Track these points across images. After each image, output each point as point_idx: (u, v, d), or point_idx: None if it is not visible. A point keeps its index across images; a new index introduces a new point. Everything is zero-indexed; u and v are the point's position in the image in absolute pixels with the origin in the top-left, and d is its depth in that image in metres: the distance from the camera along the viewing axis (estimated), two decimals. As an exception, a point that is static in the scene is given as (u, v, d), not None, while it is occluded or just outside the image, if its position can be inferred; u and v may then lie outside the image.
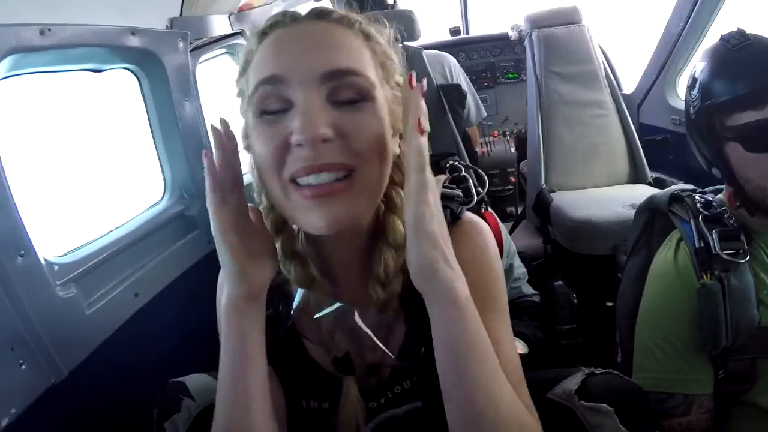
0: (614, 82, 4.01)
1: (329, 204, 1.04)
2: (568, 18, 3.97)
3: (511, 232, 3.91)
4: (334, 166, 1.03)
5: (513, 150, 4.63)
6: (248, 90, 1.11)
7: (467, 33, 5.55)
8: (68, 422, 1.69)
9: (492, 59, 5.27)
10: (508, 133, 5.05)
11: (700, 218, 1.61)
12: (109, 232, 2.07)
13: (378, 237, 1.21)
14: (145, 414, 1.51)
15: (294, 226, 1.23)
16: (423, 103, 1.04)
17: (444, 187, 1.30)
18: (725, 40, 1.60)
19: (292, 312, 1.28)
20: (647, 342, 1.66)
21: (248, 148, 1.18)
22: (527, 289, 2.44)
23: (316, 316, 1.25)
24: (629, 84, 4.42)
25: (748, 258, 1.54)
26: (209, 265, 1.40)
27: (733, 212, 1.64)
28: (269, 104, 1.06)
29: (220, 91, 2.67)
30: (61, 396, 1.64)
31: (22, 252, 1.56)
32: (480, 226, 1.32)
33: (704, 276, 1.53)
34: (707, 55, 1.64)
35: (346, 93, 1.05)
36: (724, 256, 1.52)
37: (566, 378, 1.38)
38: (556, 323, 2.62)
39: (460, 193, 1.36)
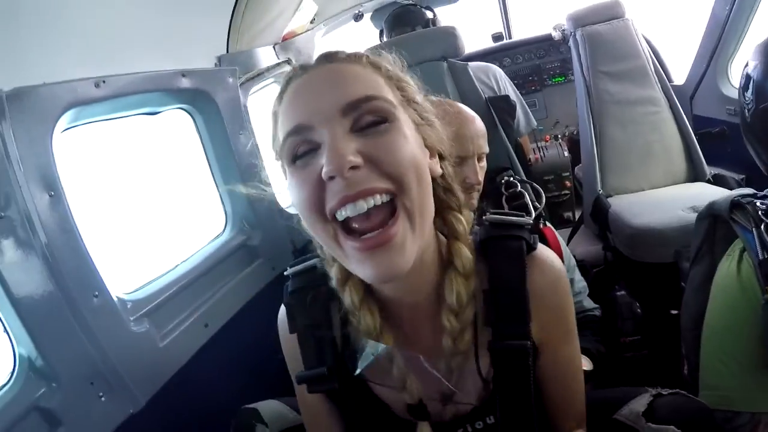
0: (664, 75, 3.86)
1: (381, 253, 1.04)
2: (611, 13, 3.85)
3: (569, 239, 3.84)
4: (370, 191, 1.02)
5: (566, 154, 4.55)
6: (280, 148, 1.13)
7: (510, 38, 5.47)
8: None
9: (537, 62, 5.19)
10: (560, 136, 4.97)
11: (762, 227, 1.47)
12: (176, 266, 2.14)
13: (446, 266, 1.22)
14: None
15: None
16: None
17: (509, 213, 1.31)
18: None
19: (358, 361, 1.24)
20: (712, 358, 1.56)
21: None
22: (588, 303, 2.38)
23: (361, 362, 1.24)
24: (679, 74, 4.28)
25: None
26: (273, 292, 1.44)
27: None
28: (299, 151, 1.08)
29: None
30: (139, 425, 1.71)
31: (96, 292, 1.65)
32: (552, 258, 1.30)
33: None
34: (760, 52, 1.56)
35: (368, 118, 1.06)
36: None
37: (633, 398, 1.38)
38: (620, 335, 2.56)
39: (530, 221, 1.31)
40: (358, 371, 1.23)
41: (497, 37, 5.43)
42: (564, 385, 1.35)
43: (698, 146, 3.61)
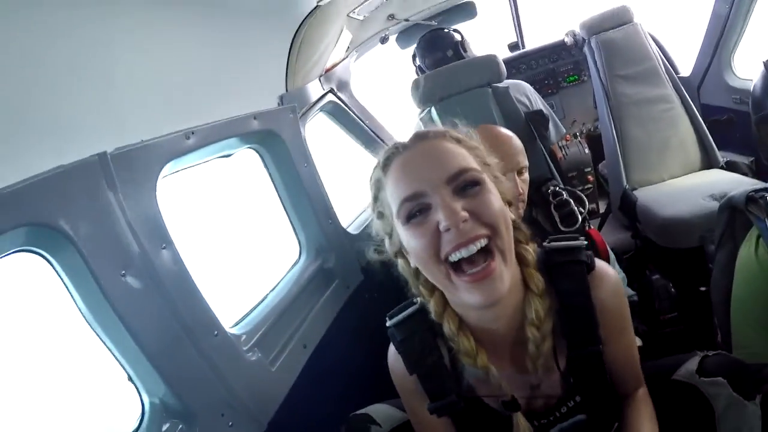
0: (672, 70, 3.98)
1: (486, 284, 1.26)
2: (622, 19, 3.95)
3: (599, 229, 3.93)
4: (476, 237, 1.26)
5: (587, 150, 4.61)
6: (391, 209, 1.37)
7: (523, 46, 5.51)
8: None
9: (551, 65, 5.21)
10: (578, 134, 5.01)
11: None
12: (266, 296, 2.19)
13: (523, 291, 1.43)
14: None
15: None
16: None
17: (565, 239, 1.52)
18: None
19: (464, 381, 1.49)
20: (741, 325, 1.77)
21: (396, 254, 1.46)
22: (628, 291, 2.44)
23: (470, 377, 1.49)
24: (684, 65, 4.37)
25: None
26: (353, 307, 1.50)
27: None
28: (414, 212, 1.31)
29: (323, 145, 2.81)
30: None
31: (216, 332, 1.69)
32: (608, 271, 1.51)
33: None
34: (761, 72, 1.73)
35: (466, 185, 1.30)
36: None
37: (686, 362, 1.59)
38: (659, 314, 2.75)
39: (585, 243, 1.51)
40: (464, 388, 1.48)
41: (513, 47, 5.47)
42: (625, 362, 1.57)
43: (709, 135, 3.72)
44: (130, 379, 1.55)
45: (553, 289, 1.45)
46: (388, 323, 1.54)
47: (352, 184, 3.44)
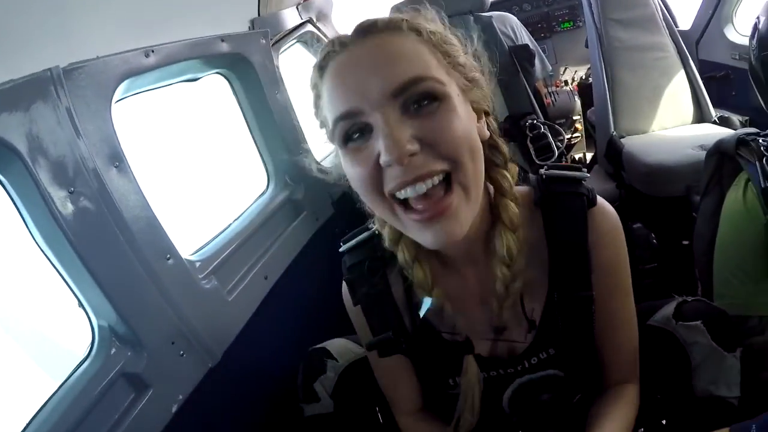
0: (671, 21, 3.89)
1: (440, 222, 1.07)
2: None
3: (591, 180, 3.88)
4: (428, 174, 1.04)
5: (576, 98, 4.55)
6: (328, 123, 1.14)
7: (519, -15, 5.38)
8: (227, 399, 1.79)
9: (546, 9, 5.15)
10: (569, 81, 4.94)
11: (764, 160, 1.63)
12: (230, 225, 2.14)
13: (494, 221, 1.26)
14: (290, 380, 1.65)
15: None
16: None
17: (566, 167, 1.35)
18: None
19: (420, 314, 1.32)
20: (724, 272, 1.72)
21: (342, 177, 1.26)
22: None
23: (421, 312, 1.31)
24: (684, 19, 4.28)
25: None
26: (319, 242, 1.46)
27: None
28: (351, 134, 1.08)
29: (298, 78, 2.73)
30: (217, 378, 1.72)
31: (168, 255, 1.64)
32: (610, 211, 1.35)
33: None
34: (765, 9, 1.69)
35: (419, 99, 1.05)
36: None
37: (662, 307, 1.50)
38: (638, 263, 2.66)
39: (587, 175, 1.35)
40: (418, 321, 1.36)
41: None
42: (620, 341, 1.42)
43: (704, 89, 3.64)
44: (80, 304, 1.51)
45: (542, 223, 1.30)
46: (341, 248, 1.44)
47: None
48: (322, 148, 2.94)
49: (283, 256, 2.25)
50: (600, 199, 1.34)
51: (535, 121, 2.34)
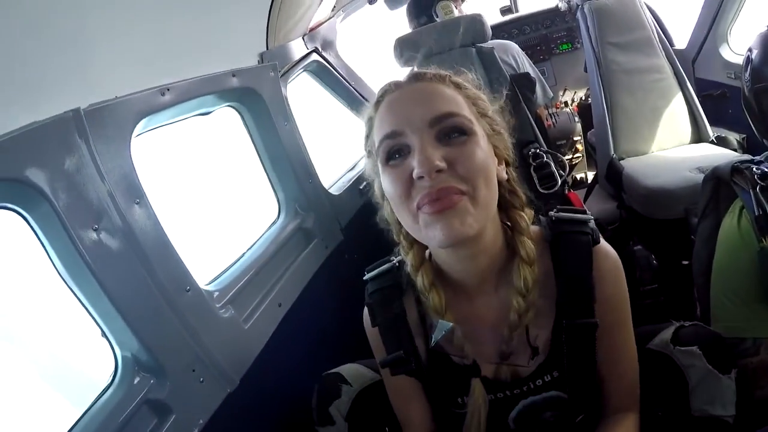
0: (667, 42, 3.97)
1: (447, 216, 1.20)
2: None
3: (585, 199, 3.95)
4: (449, 189, 1.20)
5: (577, 119, 4.60)
6: (375, 146, 1.33)
7: (517, 10, 5.45)
8: (245, 423, 1.85)
9: (544, 31, 5.22)
10: (569, 102, 4.99)
11: (757, 188, 1.66)
12: (243, 254, 2.20)
13: (511, 257, 1.39)
14: (305, 403, 1.70)
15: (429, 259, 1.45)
16: None
17: (573, 211, 1.50)
18: None
19: (434, 336, 1.39)
20: (720, 296, 1.76)
21: (382, 198, 1.45)
22: None
23: (435, 335, 1.39)
24: (680, 38, 4.33)
25: None
26: (331, 267, 1.51)
27: None
28: (393, 153, 1.27)
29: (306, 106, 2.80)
30: (235, 402, 1.77)
31: (188, 287, 1.70)
32: (611, 251, 1.48)
33: (763, 240, 1.61)
34: (758, 42, 1.72)
35: (451, 131, 1.25)
36: None
37: (661, 331, 1.57)
38: (639, 284, 2.72)
39: (592, 218, 1.49)
40: (432, 344, 1.39)
41: (506, 10, 5.41)
42: (621, 371, 1.50)
43: (701, 109, 3.69)
44: (103, 334, 1.56)
45: (551, 259, 1.42)
46: (365, 276, 1.55)
47: (337, 147, 3.44)
48: (330, 176, 3.02)
49: (296, 283, 2.31)
50: (602, 240, 1.46)
51: (537, 150, 2.39)
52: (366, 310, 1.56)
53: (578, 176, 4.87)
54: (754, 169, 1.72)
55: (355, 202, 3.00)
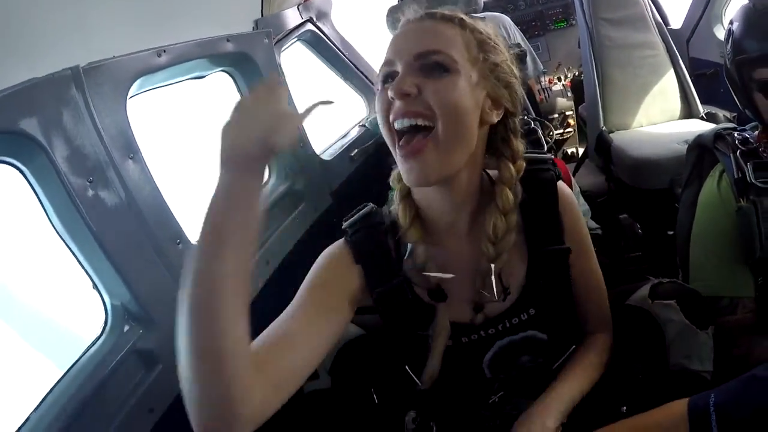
0: (660, 20, 3.99)
1: (414, 160, 1.26)
2: None
3: (574, 172, 4.00)
4: (413, 113, 1.25)
5: (569, 94, 4.63)
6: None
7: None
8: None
9: (540, 8, 5.24)
10: (562, 78, 5.02)
11: (738, 153, 1.72)
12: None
13: (488, 202, 1.41)
14: None
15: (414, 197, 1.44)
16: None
17: (535, 152, 1.56)
18: (753, 2, 1.69)
19: (404, 261, 1.44)
20: (699, 257, 1.81)
21: None
22: (591, 224, 2.52)
23: (426, 273, 1.42)
24: (676, 18, 4.35)
25: None
26: (320, 230, 1.56)
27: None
28: (386, 78, 1.34)
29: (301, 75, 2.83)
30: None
31: (178, 240, 1.75)
32: (570, 192, 1.52)
33: (741, 201, 1.66)
34: (738, 15, 1.73)
35: (432, 66, 1.28)
36: (758, 184, 1.64)
37: (639, 288, 1.60)
38: (624, 252, 2.80)
39: (552, 157, 1.57)
40: (401, 269, 1.43)
41: None
42: (589, 293, 1.56)
43: (692, 86, 3.73)
44: (94, 286, 1.62)
45: (521, 197, 1.44)
46: (344, 224, 1.52)
47: (330, 115, 3.48)
48: (321, 142, 3.06)
49: (285, 242, 2.36)
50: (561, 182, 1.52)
51: (526, 117, 2.44)
52: (341, 250, 1.48)
53: (569, 151, 4.90)
54: (735, 134, 1.79)
55: (346, 168, 3.06)
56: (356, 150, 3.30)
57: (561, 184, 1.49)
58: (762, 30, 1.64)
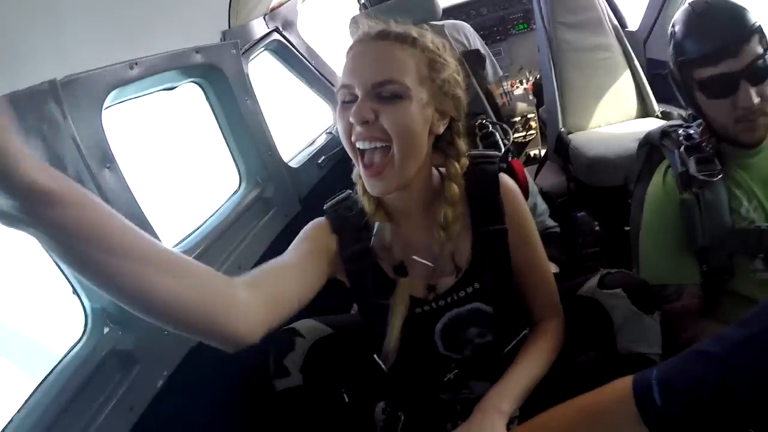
0: (617, 23, 4.10)
1: (377, 179, 1.46)
2: None
3: (537, 173, 4.14)
4: (373, 137, 1.43)
5: (531, 97, 4.73)
6: (338, 84, 1.53)
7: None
8: (206, 376, 1.96)
9: (501, 13, 5.34)
10: (524, 81, 5.13)
11: (682, 148, 1.87)
12: (206, 221, 2.32)
13: (438, 196, 1.61)
14: (264, 358, 1.83)
15: None
16: None
17: (484, 149, 1.82)
18: (691, 6, 1.81)
19: (372, 237, 1.67)
20: (647, 248, 1.97)
21: None
22: (550, 222, 2.70)
23: (415, 258, 1.65)
24: (633, 21, 4.45)
25: (721, 177, 1.79)
26: (289, 236, 1.64)
27: (711, 141, 1.87)
28: (345, 98, 1.48)
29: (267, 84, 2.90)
30: (198, 356, 1.89)
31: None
32: (513, 183, 1.69)
33: (684, 193, 1.82)
34: (679, 18, 1.86)
35: (386, 94, 1.43)
36: (700, 177, 1.79)
37: (590, 279, 1.76)
38: (581, 248, 2.93)
39: (499, 155, 1.75)
40: (369, 243, 1.66)
41: None
42: (536, 281, 1.74)
43: (648, 87, 3.85)
44: (74, 291, 1.67)
45: (466, 185, 1.63)
46: (325, 206, 1.72)
47: (298, 124, 3.56)
48: (289, 149, 3.13)
49: (255, 249, 2.43)
50: (506, 176, 1.69)
51: (484, 121, 2.53)
52: (323, 220, 1.69)
53: (532, 153, 5.02)
54: (680, 131, 1.93)
55: (314, 175, 3.14)
56: (323, 157, 3.37)
57: (504, 176, 1.66)
58: (700, 32, 1.76)
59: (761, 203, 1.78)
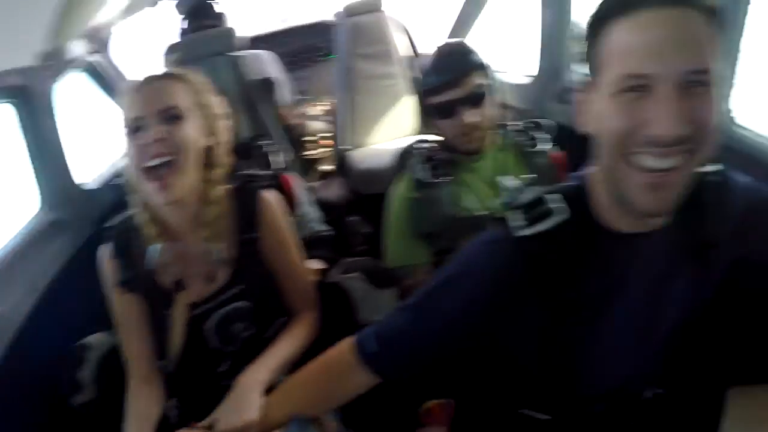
0: (413, 53, 4.72)
1: (161, 191, 1.66)
2: (372, 7, 4.57)
3: (321, 186, 4.57)
4: (161, 153, 1.65)
5: (331, 118, 5.09)
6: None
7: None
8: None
9: (310, 42, 5.74)
10: (328, 104, 5.45)
11: (419, 159, 2.29)
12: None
13: (202, 211, 1.80)
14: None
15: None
16: None
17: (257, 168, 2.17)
18: (438, 47, 2.30)
19: (147, 260, 1.80)
20: (390, 236, 2.37)
21: None
22: (320, 227, 2.98)
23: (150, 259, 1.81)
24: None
25: (448, 180, 2.22)
26: (82, 258, 1.76)
27: (444, 152, 2.30)
28: (133, 130, 1.70)
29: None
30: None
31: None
32: (273, 197, 1.94)
33: (415, 192, 2.24)
34: (429, 57, 2.32)
35: (171, 117, 1.70)
36: (430, 180, 2.22)
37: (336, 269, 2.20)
38: (351, 248, 3.43)
39: (266, 173, 2.25)
40: (148, 266, 1.80)
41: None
42: (291, 280, 1.96)
43: None
44: None
45: (233, 201, 1.87)
46: (106, 232, 1.90)
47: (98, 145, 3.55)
48: (87, 172, 3.12)
49: (48, 271, 2.46)
50: (268, 191, 1.94)
51: (260, 143, 2.85)
52: (104, 248, 1.87)
53: (326, 168, 5.33)
54: (423, 146, 2.38)
55: (110, 197, 3.11)
56: (121, 179, 3.32)
57: (265, 192, 1.92)
58: (435, 67, 2.21)
59: (479, 197, 2.24)
